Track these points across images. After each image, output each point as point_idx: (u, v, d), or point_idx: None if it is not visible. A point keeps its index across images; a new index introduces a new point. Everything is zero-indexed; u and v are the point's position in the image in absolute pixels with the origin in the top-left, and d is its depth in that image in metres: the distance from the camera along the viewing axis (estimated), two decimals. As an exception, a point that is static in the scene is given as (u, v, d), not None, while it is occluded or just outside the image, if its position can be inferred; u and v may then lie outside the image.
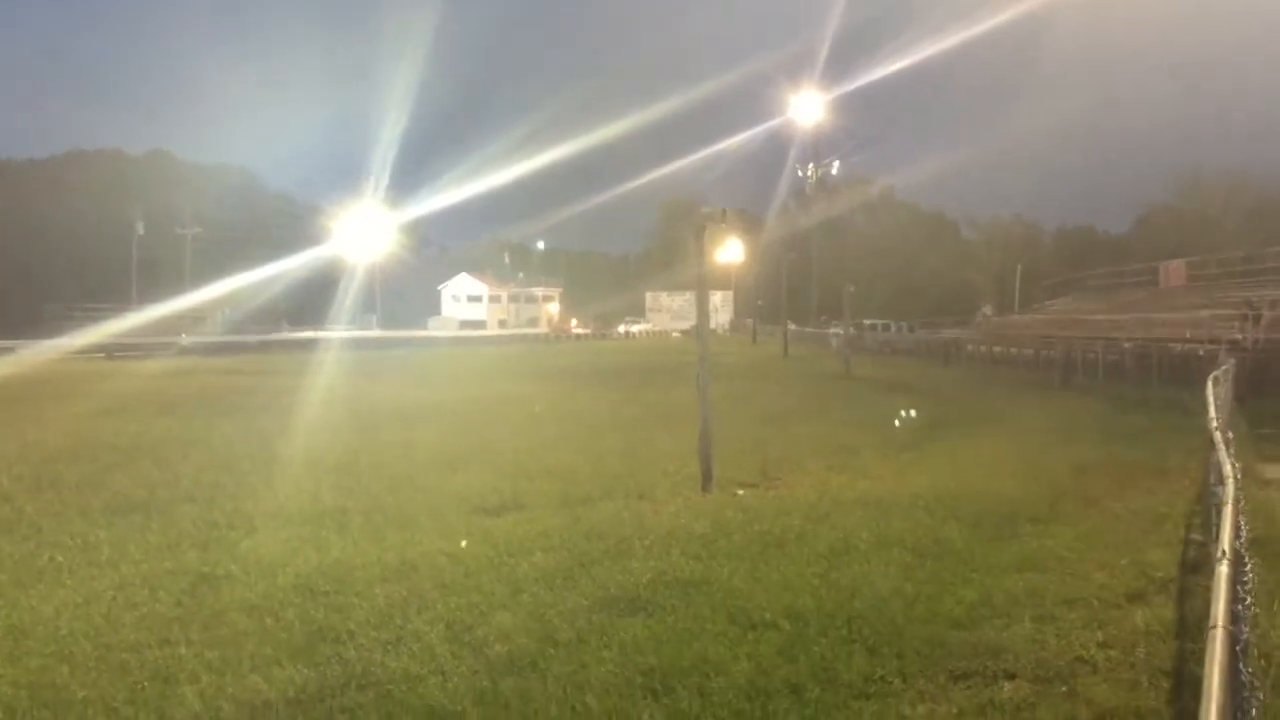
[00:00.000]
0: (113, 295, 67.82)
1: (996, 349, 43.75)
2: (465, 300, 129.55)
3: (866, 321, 66.75)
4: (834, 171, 55.80)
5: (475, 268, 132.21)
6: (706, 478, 11.50)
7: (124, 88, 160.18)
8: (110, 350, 47.39)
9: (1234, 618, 3.18)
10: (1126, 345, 31.74)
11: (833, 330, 59.65)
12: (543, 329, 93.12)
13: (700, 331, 13.07)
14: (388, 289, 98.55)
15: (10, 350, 42.64)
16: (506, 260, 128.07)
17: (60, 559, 7.99)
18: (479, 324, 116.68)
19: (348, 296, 78.26)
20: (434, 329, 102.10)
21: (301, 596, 6.89)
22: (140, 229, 79.68)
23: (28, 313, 61.02)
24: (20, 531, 9.04)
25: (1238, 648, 3.05)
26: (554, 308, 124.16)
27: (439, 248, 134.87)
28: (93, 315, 55.44)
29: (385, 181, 78.04)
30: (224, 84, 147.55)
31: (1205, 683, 2.59)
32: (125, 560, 7.98)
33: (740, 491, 11.45)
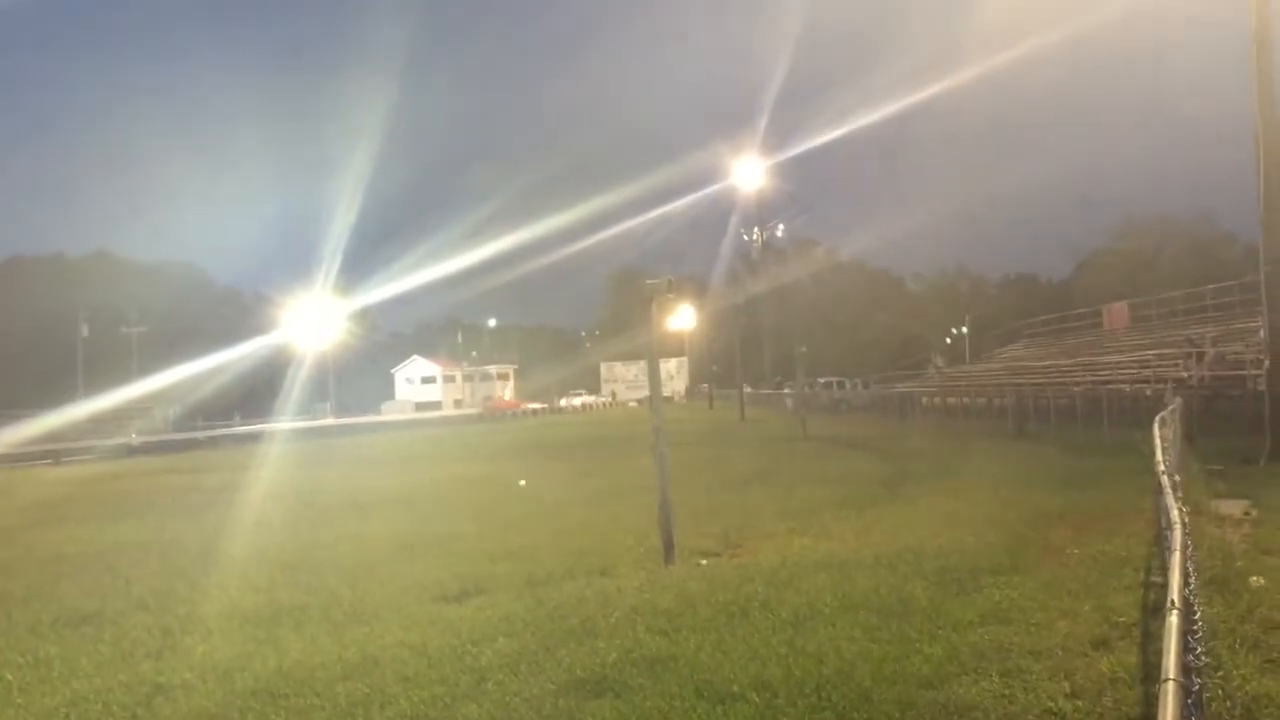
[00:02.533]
0: (60, 398, 66.71)
1: (950, 400, 44.20)
2: (419, 382, 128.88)
3: (820, 380, 67.21)
4: (779, 234, 56.59)
5: (427, 349, 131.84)
6: (668, 549, 11.44)
7: (64, 190, 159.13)
8: (58, 455, 46.55)
9: (1185, 669, 3.19)
10: (1076, 389, 32.20)
11: (787, 391, 59.96)
12: (486, 408, 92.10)
13: (654, 400, 13.07)
14: (340, 376, 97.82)
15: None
16: (459, 340, 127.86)
17: (9, 677, 7.75)
18: (435, 405, 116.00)
19: (297, 386, 77.54)
20: (388, 413, 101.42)
21: (260, 701, 6.72)
22: (85, 330, 78.87)
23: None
24: (-37, 654, 8.76)
25: (1189, 700, 3.06)
26: (508, 386, 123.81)
27: (391, 332, 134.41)
28: (32, 418, 54.40)
29: (335, 270, 77.95)
30: (168, 181, 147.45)
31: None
32: (77, 675, 7.75)
33: (703, 561, 11.40)
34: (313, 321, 79.21)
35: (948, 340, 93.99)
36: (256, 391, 78.93)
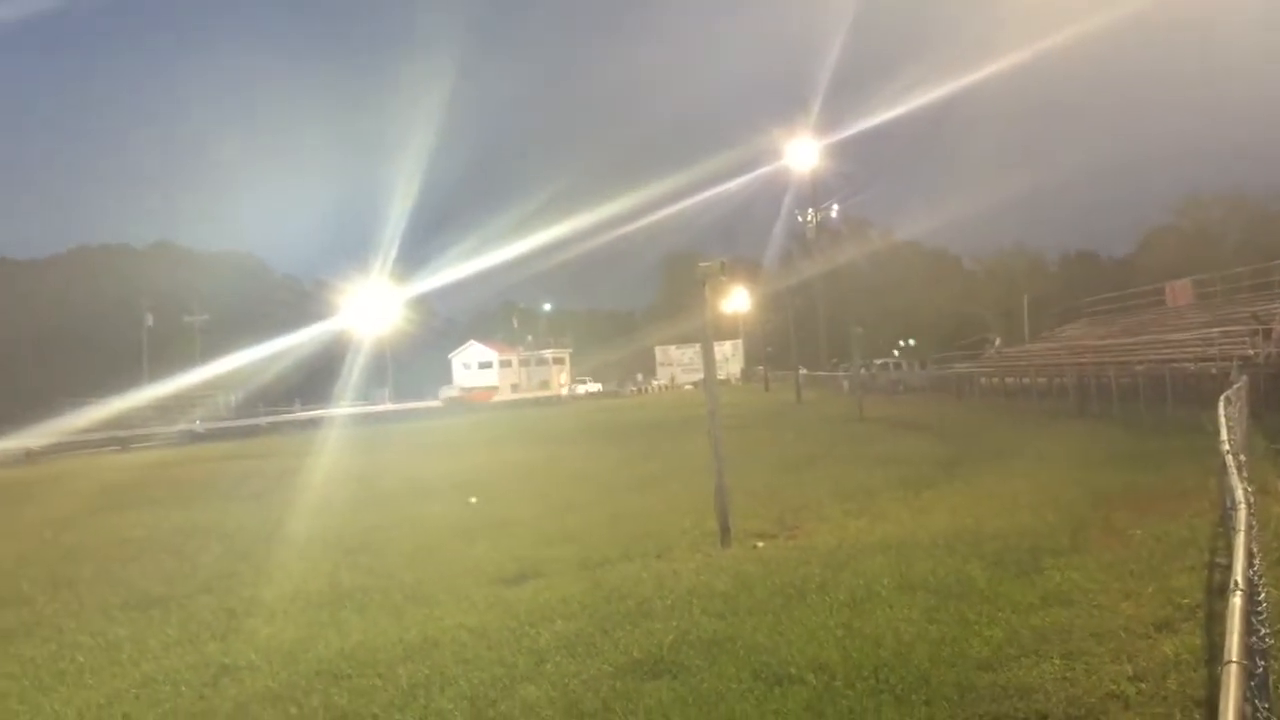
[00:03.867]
0: (126, 385, 68.13)
1: (1009, 380, 43.62)
2: (476, 367, 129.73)
3: (877, 362, 66.65)
4: (833, 215, 56.14)
5: (484, 334, 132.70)
6: (724, 532, 11.45)
7: (129, 181, 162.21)
8: (124, 441, 47.56)
9: (1249, 651, 3.14)
10: (1139, 368, 31.63)
11: (843, 373, 59.57)
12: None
13: (708, 384, 13.05)
14: (398, 362, 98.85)
15: (26, 445, 42.79)
16: (515, 325, 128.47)
17: (82, 659, 7.96)
18: (491, 390, 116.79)
19: (355, 372, 78.51)
20: (444, 398, 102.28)
21: (324, 682, 6.84)
22: (150, 319, 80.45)
23: (43, 407, 61.27)
24: (41, 634, 9.02)
25: (1252, 683, 3.01)
26: (563, 369, 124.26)
27: (446, 318, 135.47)
28: (103, 405, 55.64)
29: (392, 257, 78.75)
30: (229, 171, 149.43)
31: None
32: (146, 656, 7.95)
33: (759, 544, 11.39)
34: (370, 308, 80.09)
35: (1006, 320, 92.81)
36: (316, 377, 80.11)
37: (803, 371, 60.75)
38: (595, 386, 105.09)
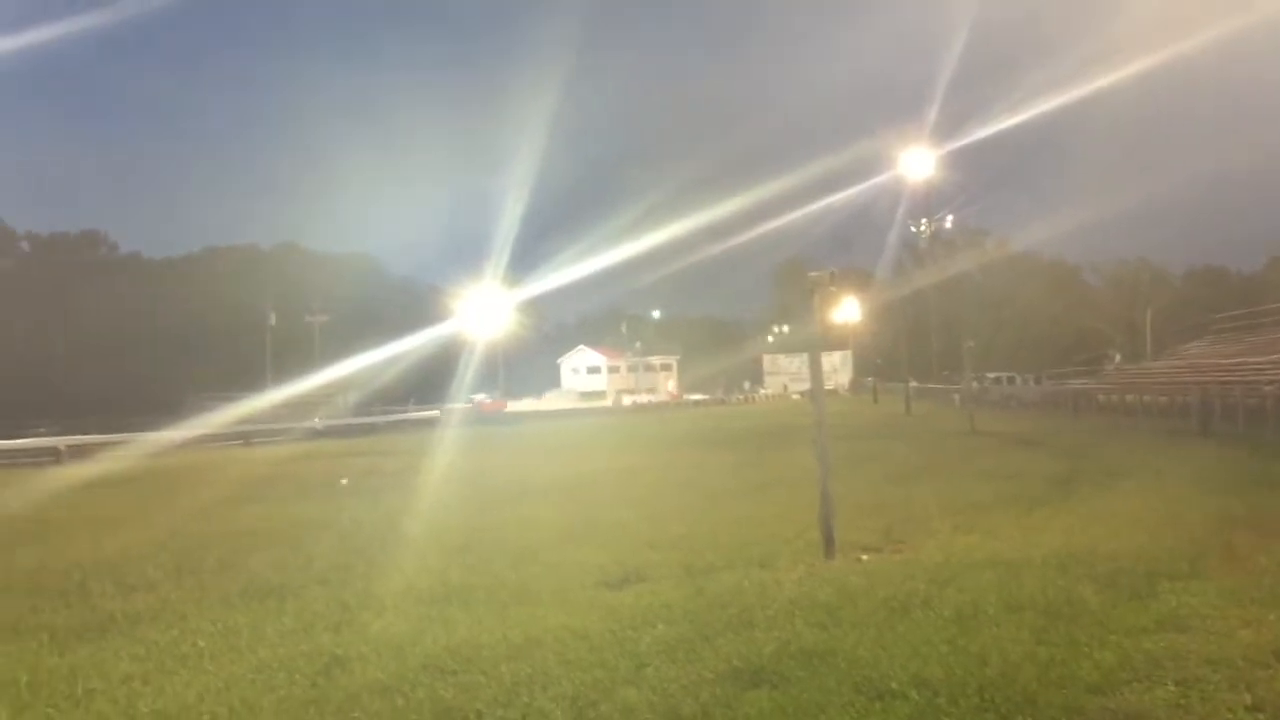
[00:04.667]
0: (248, 381, 70.52)
1: (1129, 398, 42.34)
2: (584, 372, 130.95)
3: (990, 375, 65.32)
4: (948, 225, 55.22)
5: (592, 339, 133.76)
6: (829, 543, 11.37)
7: (258, 185, 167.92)
8: (248, 437, 49.23)
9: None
10: (1267, 388, 30.41)
11: (955, 386, 58.52)
12: (663, 397, 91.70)
13: (815, 393, 12.99)
14: (508, 364, 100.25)
15: (155, 439, 44.62)
16: (624, 330, 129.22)
17: (202, 644, 8.28)
18: (599, 394, 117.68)
19: (468, 374, 79.88)
20: (549, 401, 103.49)
21: (430, 676, 7.00)
22: (272, 318, 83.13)
23: (169, 402, 63.79)
24: (165, 619, 9.41)
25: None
26: (670, 377, 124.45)
27: (556, 322, 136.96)
28: (228, 402, 57.63)
29: (504, 261, 79.94)
30: (351, 176, 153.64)
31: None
32: (263, 644, 8.23)
33: (864, 556, 11.28)
34: (483, 311, 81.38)
35: (1127, 334, 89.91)
36: (430, 379, 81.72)
37: (913, 383, 59.88)
38: (697, 395, 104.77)
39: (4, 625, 9.59)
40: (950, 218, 55.54)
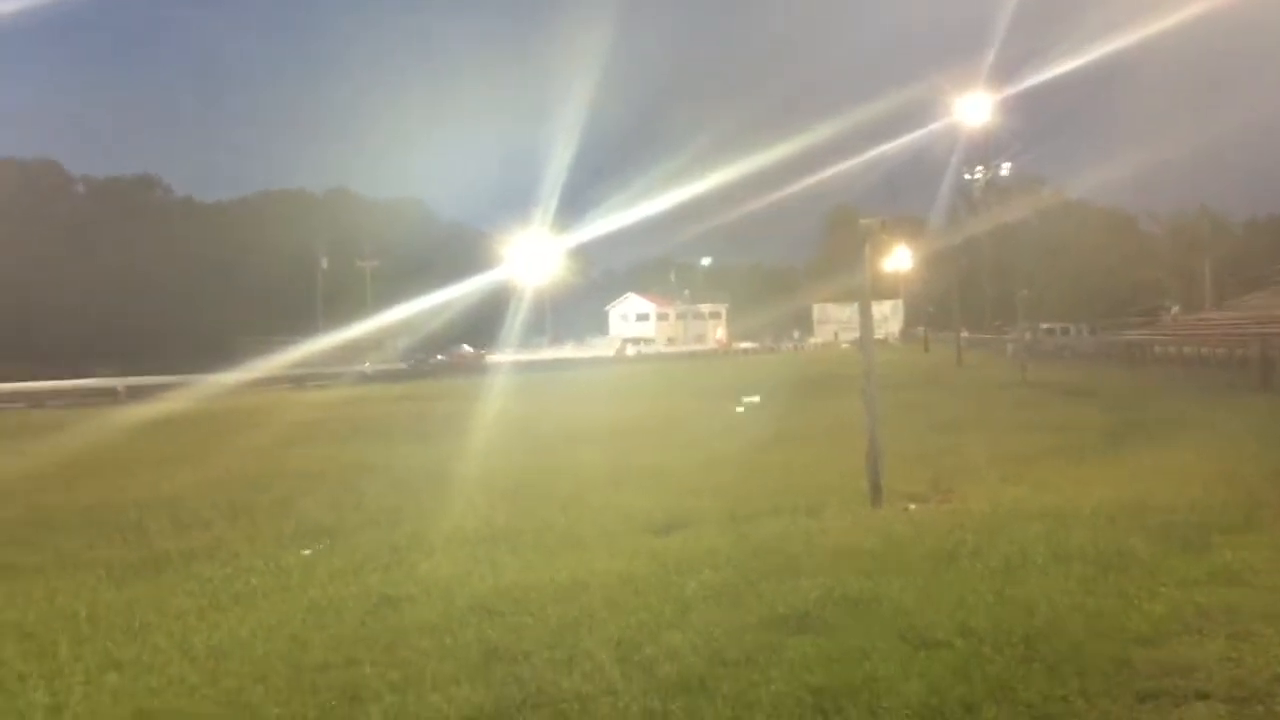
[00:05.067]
0: (300, 326, 71.33)
1: (1186, 349, 41.62)
2: (633, 319, 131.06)
3: (1043, 325, 64.45)
4: (1003, 173, 54.28)
5: (641, 287, 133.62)
6: (875, 492, 11.33)
7: (309, 130, 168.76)
8: (298, 380, 49.90)
9: None
10: (1330, 340, 29.74)
11: (1008, 336, 57.84)
12: (711, 345, 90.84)
13: (864, 342, 12.89)
14: (557, 310, 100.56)
15: (207, 381, 45.39)
16: (673, 278, 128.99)
17: (255, 583, 8.45)
18: (647, 342, 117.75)
19: (517, 320, 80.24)
20: (596, 348, 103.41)
21: (478, 617, 7.09)
22: (324, 263, 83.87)
23: (222, 345, 64.71)
24: (220, 557, 9.62)
25: None
26: (720, 324, 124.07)
27: (605, 269, 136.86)
28: (281, 346, 58.36)
29: (553, 207, 79.84)
30: (398, 120, 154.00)
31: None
32: (314, 583, 8.38)
33: (911, 506, 11.24)
34: (532, 258, 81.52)
35: (1185, 285, 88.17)
36: (478, 325, 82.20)
37: (964, 333, 59.25)
38: (746, 344, 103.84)
39: (64, 560, 9.86)
40: (1006, 165, 54.54)
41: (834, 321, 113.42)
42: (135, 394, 44.21)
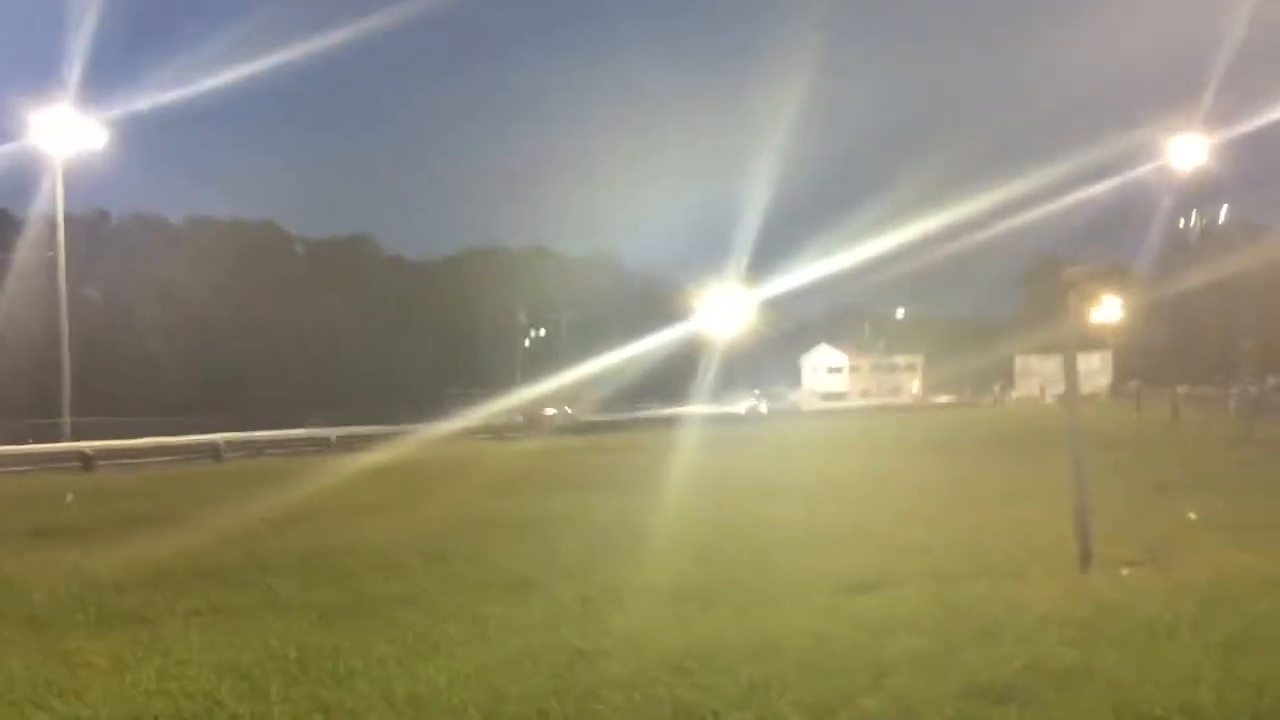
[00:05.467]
0: (499, 378, 73.63)
1: None
2: (825, 371, 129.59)
3: (1270, 380, 60.31)
4: (1220, 219, 51.41)
5: (834, 337, 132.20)
6: (1085, 556, 10.75)
7: (506, 186, 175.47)
8: (499, 432, 51.46)
9: None
10: None
11: (1231, 391, 54.38)
12: (906, 398, 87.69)
13: (1070, 397, 12.32)
14: (750, 363, 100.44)
15: (413, 431, 47.36)
16: (866, 332, 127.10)
17: (452, 631, 8.66)
18: (840, 395, 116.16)
19: (710, 373, 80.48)
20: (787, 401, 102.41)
21: (670, 674, 7.06)
22: (523, 318, 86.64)
23: (426, 397, 67.41)
24: (420, 604, 9.90)
25: None
26: (915, 377, 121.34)
27: (798, 320, 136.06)
28: (481, 398, 60.25)
29: (746, 258, 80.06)
30: (592, 176, 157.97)
31: None
32: (510, 634, 8.52)
33: (1124, 572, 10.61)
34: (723, 309, 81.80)
35: None
36: (671, 377, 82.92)
37: (1181, 389, 56.00)
38: (943, 397, 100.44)
39: (277, 602, 10.36)
40: (1224, 210, 51.62)
41: (1037, 374, 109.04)
42: (346, 443, 46.47)
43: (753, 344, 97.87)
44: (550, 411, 66.96)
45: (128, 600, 10.68)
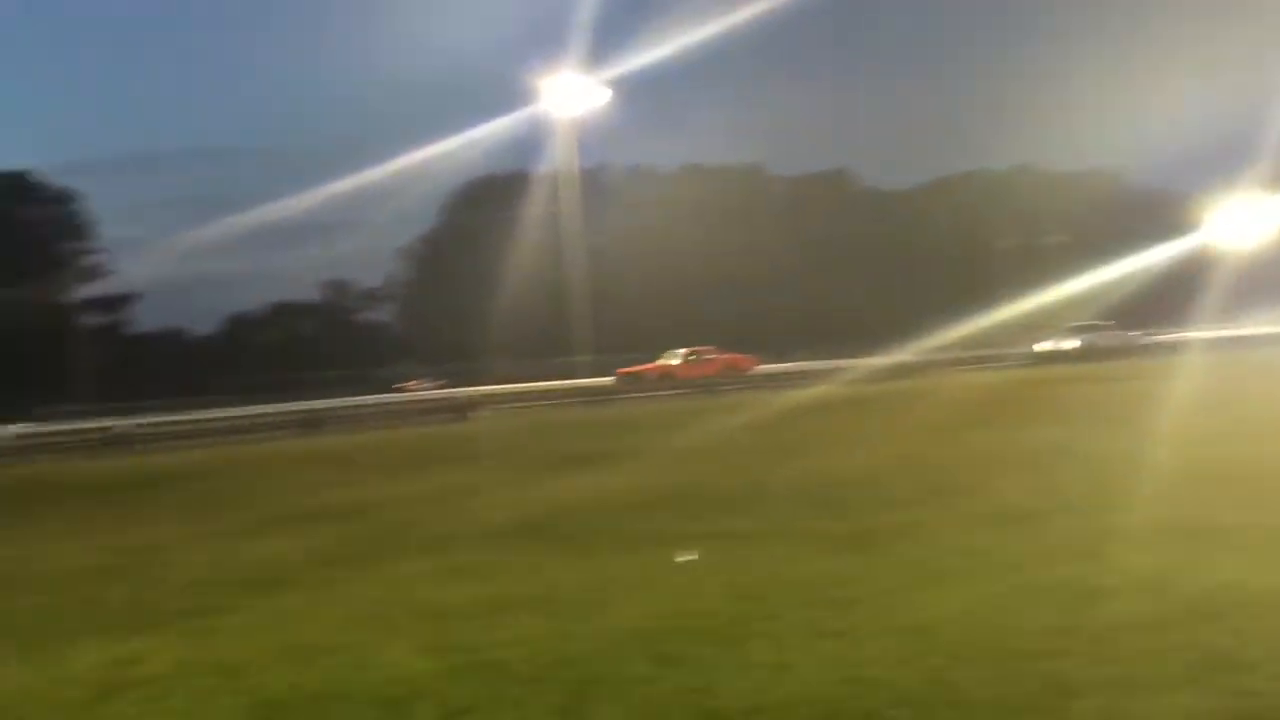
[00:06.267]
0: (974, 306, 71.16)
1: None
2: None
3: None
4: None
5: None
6: None
7: (989, 110, 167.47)
8: (978, 360, 50.01)
9: None
10: None
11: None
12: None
13: None
14: (1266, 281, 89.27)
15: (881, 362, 47.43)
16: None
17: (950, 564, 8.57)
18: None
19: (1216, 291, 72.28)
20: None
21: (1191, 618, 6.54)
22: (1004, 241, 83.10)
23: (902, 327, 66.77)
24: (918, 536, 9.88)
25: None
26: None
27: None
28: (955, 326, 58.38)
29: (1270, 163, 70.68)
30: (1083, 91, 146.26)
31: None
32: (1008, 568, 8.27)
33: None
34: (1240, 220, 73.10)
35: None
36: (1169, 298, 75.63)
37: None
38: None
39: (778, 529, 10.82)
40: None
41: None
42: (826, 376, 47.13)
43: (1271, 257, 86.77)
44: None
45: (647, 524, 11.68)
